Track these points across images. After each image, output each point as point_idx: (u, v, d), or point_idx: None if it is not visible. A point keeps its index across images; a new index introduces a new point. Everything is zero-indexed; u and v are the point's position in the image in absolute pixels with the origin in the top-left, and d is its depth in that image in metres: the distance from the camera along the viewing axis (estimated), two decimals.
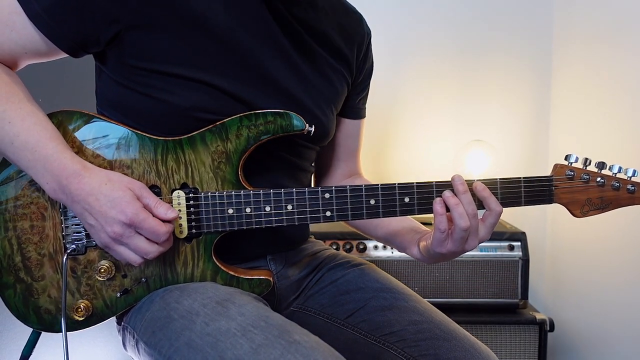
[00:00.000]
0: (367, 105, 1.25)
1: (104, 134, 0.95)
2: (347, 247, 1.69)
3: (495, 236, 1.69)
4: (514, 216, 1.99)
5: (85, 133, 0.95)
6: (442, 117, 2.11)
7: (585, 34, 1.92)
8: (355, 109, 1.21)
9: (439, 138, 2.11)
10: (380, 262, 1.68)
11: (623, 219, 1.70)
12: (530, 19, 2.09)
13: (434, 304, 1.10)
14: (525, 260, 1.68)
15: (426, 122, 2.12)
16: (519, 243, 1.69)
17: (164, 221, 0.88)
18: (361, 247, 1.69)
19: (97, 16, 0.89)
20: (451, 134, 2.11)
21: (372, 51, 1.22)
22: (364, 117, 1.25)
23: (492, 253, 1.68)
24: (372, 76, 1.24)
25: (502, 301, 1.69)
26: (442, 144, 2.10)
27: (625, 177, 0.97)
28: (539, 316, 1.66)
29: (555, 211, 2.10)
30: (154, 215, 0.88)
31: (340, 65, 1.11)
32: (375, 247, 1.69)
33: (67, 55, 0.95)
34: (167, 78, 0.93)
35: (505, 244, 1.69)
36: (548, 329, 1.65)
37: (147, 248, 0.87)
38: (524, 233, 1.71)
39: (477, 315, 1.68)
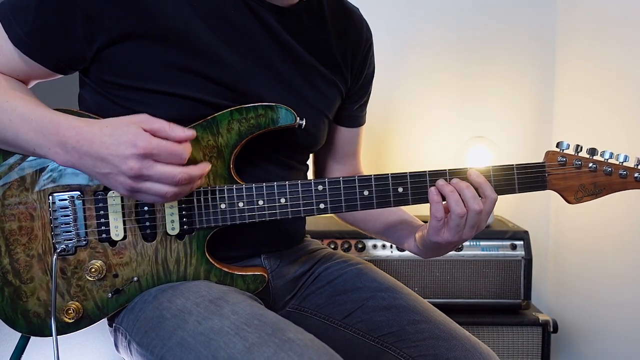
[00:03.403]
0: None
1: None
2: (346, 246, 1.66)
3: (498, 235, 1.67)
4: (517, 215, 1.97)
5: None
6: (443, 113, 2.09)
7: (589, 28, 1.91)
8: (352, 117, 1.18)
9: (439, 135, 2.09)
10: (379, 262, 1.66)
11: (627, 217, 1.69)
12: (533, 13, 2.07)
13: (434, 304, 1.08)
14: (528, 259, 1.65)
15: (427, 119, 2.10)
16: (522, 242, 1.67)
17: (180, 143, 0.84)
18: (360, 246, 1.66)
19: (78, 35, 0.90)
20: (452, 131, 2.08)
21: (374, 51, 1.18)
22: (364, 123, 1.21)
23: (494, 252, 1.66)
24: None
25: (505, 302, 1.66)
26: (443, 140, 2.08)
27: (617, 163, 0.98)
28: (542, 317, 1.64)
29: (559, 210, 2.08)
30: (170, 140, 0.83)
31: (333, 75, 1.07)
32: (374, 246, 1.66)
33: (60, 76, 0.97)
34: (146, 93, 0.93)
35: (508, 243, 1.66)
36: (551, 330, 1.63)
37: (172, 171, 0.82)
38: (526, 232, 1.69)
39: (478, 316, 1.65)
